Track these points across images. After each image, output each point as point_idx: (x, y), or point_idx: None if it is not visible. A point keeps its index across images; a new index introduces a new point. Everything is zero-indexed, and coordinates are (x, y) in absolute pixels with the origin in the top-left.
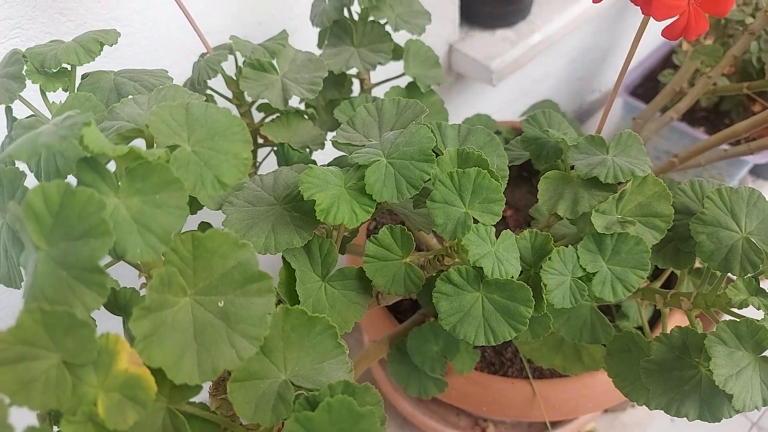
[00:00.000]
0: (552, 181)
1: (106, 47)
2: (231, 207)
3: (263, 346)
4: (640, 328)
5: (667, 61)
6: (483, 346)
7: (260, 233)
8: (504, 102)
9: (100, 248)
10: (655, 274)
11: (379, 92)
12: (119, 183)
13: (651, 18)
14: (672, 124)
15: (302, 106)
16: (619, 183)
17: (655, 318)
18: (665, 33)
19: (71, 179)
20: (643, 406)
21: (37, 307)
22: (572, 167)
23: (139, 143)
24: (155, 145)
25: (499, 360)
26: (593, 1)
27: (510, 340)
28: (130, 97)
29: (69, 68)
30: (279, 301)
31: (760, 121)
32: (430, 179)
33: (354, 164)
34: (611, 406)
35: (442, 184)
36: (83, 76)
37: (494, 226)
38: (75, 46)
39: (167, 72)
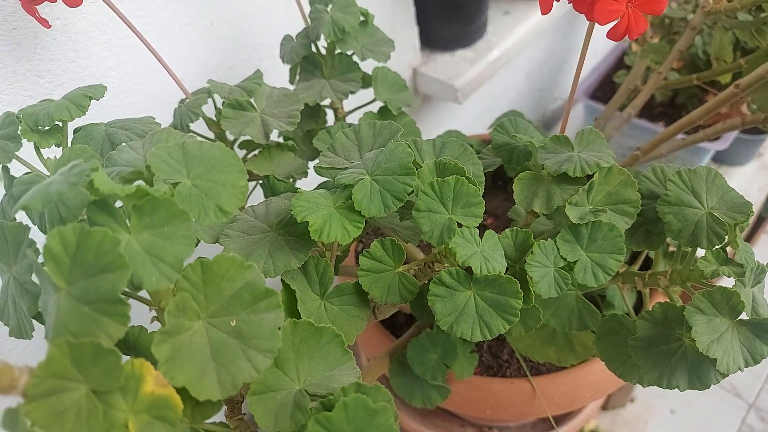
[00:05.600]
0: (525, 181)
1: None
2: (227, 238)
3: (276, 360)
4: (627, 315)
5: (620, 63)
6: (480, 349)
7: (258, 259)
8: (471, 118)
9: (120, 280)
10: (633, 259)
11: (352, 120)
12: (128, 220)
13: (596, 23)
14: (633, 122)
15: (281, 140)
16: (588, 175)
17: (639, 304)
18: (610, 35)
19: None
20: (641, 402)
21: (65, 341)
22: (542, 167)
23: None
24: (155, 183)
25: (497, 363)
26: (542, 13)
27: (505, 341)
28: (124, 144)
29: (61, 124)
30: None
31: (712, 107)
32: (413, 191)
33: (341, 185)
34: (611, 406)
35: (424, 194)
36: (75, 131)
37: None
38: (66, 103)
39: (155, 119)
